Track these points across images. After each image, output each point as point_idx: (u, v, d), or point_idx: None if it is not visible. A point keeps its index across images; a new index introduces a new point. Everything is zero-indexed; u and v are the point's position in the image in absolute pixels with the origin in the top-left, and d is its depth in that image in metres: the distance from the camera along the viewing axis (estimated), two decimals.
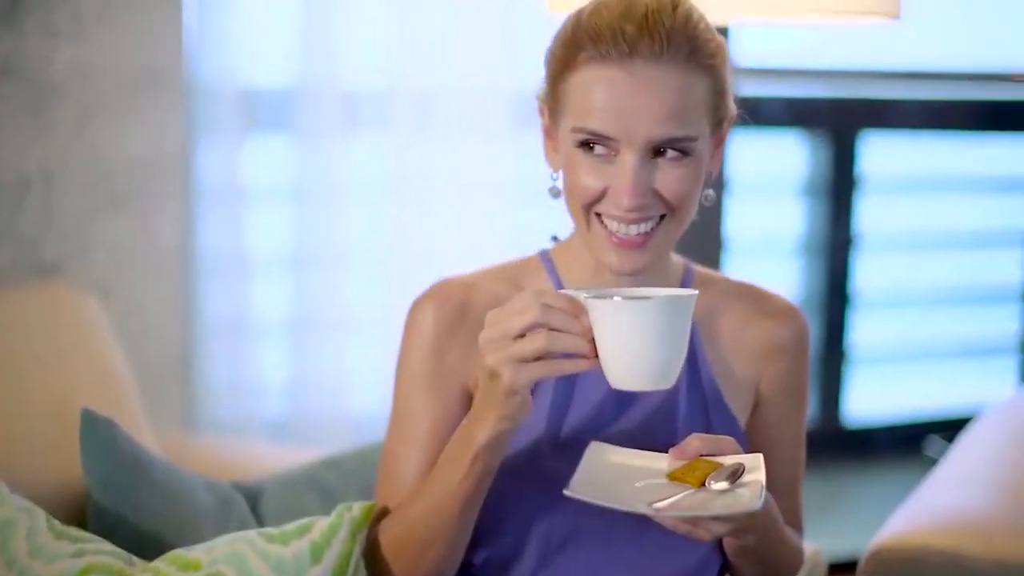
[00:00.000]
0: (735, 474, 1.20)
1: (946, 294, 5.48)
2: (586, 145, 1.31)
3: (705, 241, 1.67)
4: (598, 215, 1.34)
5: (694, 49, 1.29)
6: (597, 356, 1.15)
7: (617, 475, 1.28)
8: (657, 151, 1.29)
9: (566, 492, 1.15)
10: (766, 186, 5.00)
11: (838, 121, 5.00)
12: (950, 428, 4.07)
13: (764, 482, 1.18)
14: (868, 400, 5.17)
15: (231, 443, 2.90)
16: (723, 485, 1.18)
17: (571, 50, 1.32)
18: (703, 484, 1.20)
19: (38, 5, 2.74)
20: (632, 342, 1.12)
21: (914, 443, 4.81)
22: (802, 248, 5.04)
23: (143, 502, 1.71)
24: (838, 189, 4.94)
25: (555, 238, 1.63)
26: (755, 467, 1.22)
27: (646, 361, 1.14)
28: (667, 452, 1.29)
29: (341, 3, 3.11)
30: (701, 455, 1.25)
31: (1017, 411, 3.14)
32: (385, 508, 1.52)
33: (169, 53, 2.97)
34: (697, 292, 1.20)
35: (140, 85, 2.90)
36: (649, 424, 1.49)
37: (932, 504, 2.35)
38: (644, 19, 1.26)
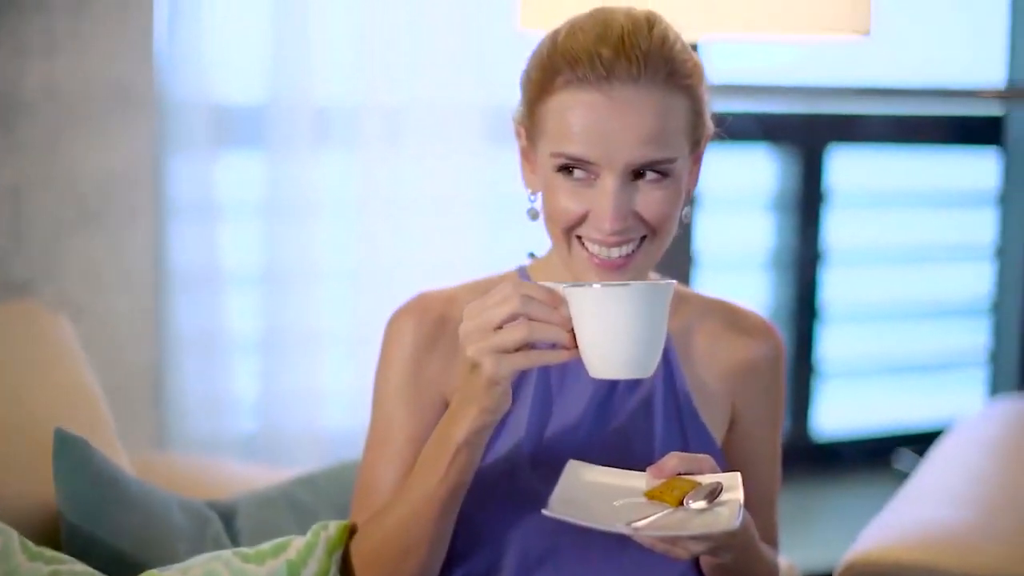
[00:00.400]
0: (713, 493, 1.21)
1: (915, 307, 5.51)
2: (565, 169, 1.31)
3: (675, 256, 1.67)
4: (579, 238, 1.34)
5: (671, 70, 1.29)
6: (577, 347, 1.15)
7: (595, 494, 1.28)
8: (637, 173, 1.29)
9: (545, 512, 1.16)
10: (735, 200, 5.02)
11: (807, 136, 5.03)
12: (919, 441, 4.09)
13: (742, 501, 1.19)
14: (837, 414, 5.18)
15: (204, 461, 2.88)
16: (701, 504, 1.19)
17: (548, 74, 1.32)
18: (681, 503, 1.20)
19: (8, 21, 2.73)
20: (611, 329, 1.13)
21: (883, 457, 4.83)
22: (771, 262, 5.05)
23: (117, 522, 1.71)
24: (806, 203, 4.96)
25: (532, 255, 1.63)
26: (733, 486, 1.23)
27: (625, 349, 1.14)
28: (644, 471, 1.30)
29: (312, 19, 3.11)
30: (679, 474, 1.25)
31: (986, 424, 3.15)
32: (361, 526, 1.51)
33: (140, 69, 2.96)
34: (674, 282, 1.21)
35: (111, 101, 2.89)
36: (626, 442, 1.50)
37: (905, 518, 2.36)
38: (620, 42, 1.26)
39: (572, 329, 1.15)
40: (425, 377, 1.52)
